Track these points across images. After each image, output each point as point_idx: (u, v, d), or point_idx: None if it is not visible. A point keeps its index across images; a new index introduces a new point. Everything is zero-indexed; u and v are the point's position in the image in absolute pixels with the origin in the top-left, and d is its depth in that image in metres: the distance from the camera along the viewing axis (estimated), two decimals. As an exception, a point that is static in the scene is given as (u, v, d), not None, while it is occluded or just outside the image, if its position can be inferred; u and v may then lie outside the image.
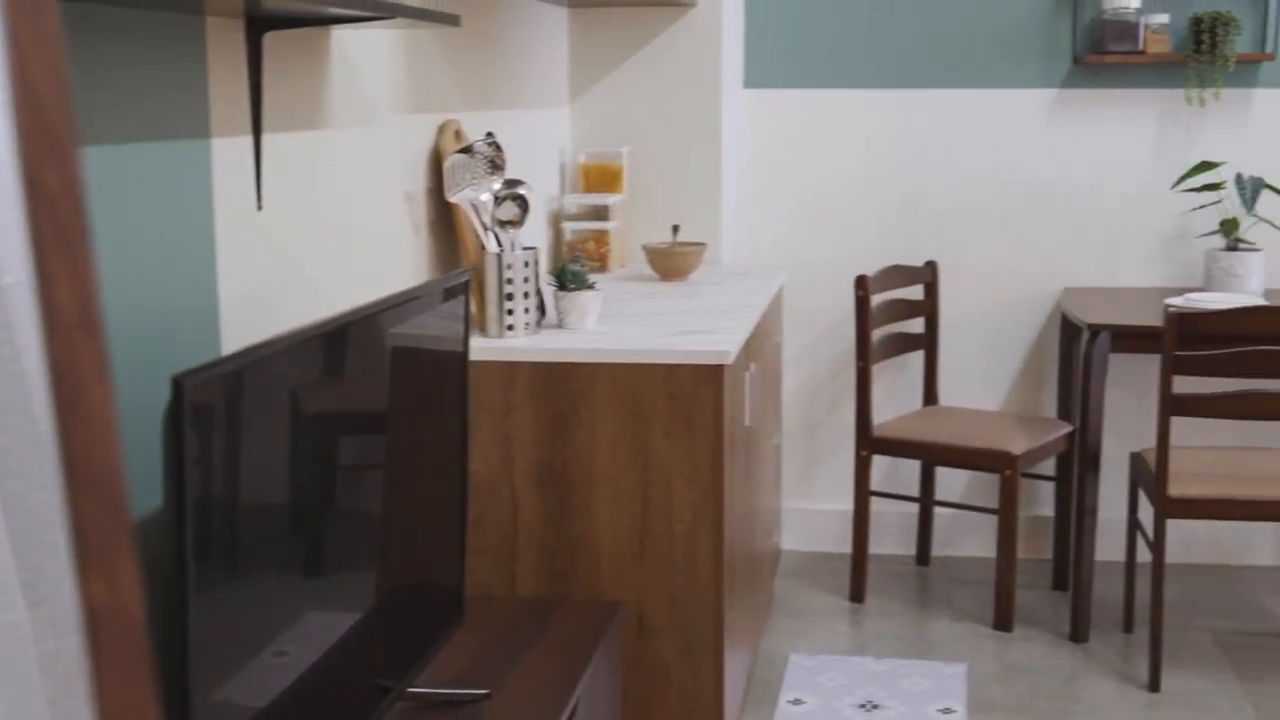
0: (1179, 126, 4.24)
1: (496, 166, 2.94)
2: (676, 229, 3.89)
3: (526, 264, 2.89)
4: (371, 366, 1.95)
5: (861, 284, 3.95)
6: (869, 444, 4.00)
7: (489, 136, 2.95)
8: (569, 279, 2.98)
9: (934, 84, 4.32)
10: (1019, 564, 4.32)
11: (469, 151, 2.90)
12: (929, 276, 4.27)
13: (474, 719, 2.15)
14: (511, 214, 2.92)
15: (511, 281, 2.88)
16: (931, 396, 4.33)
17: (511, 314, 2.88)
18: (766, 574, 3.84)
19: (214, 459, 1.47)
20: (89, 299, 0.75)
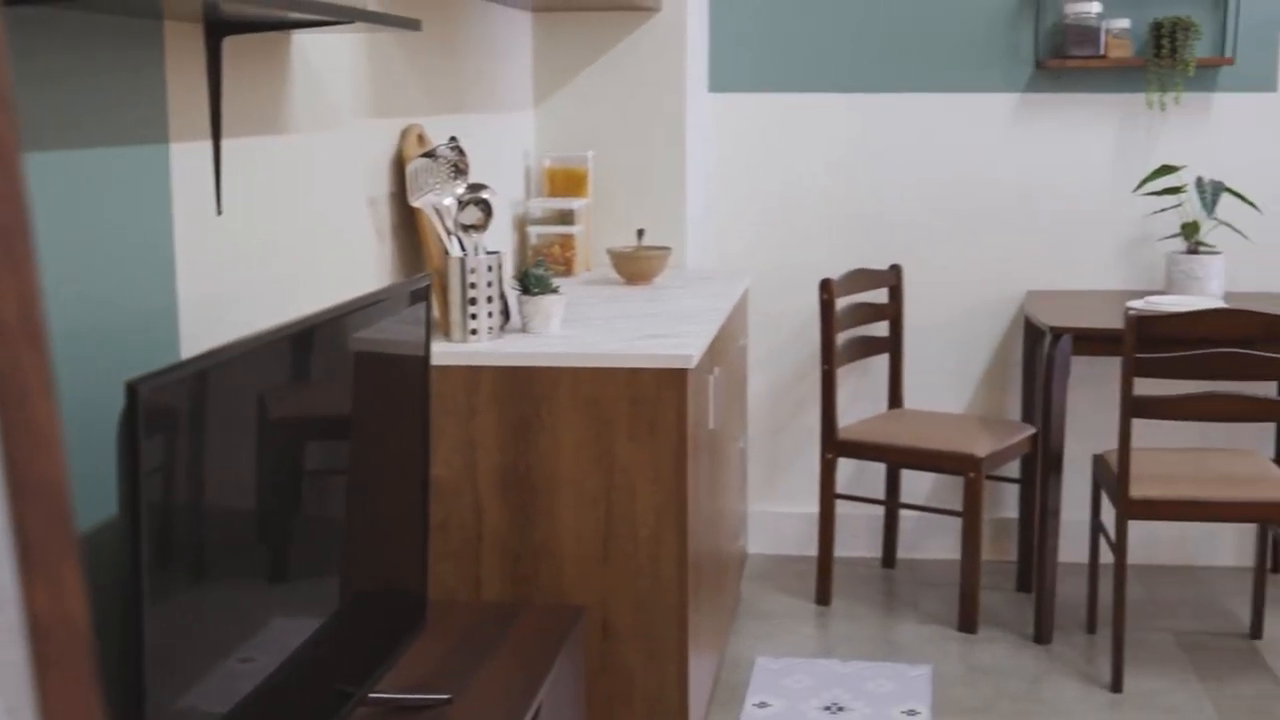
0: (1140, 130, 4.27)
1: (460, 171, 2.94)
2: (641, 233, 3.90)
3: (490, 268, 2.89)
4: (331, 371, 1.94)
5: (826, 288, 3.96)
6: (834, 447, 4.01)
7: (452, 141, 2.94)
8: (532, 283, 2.98)
9: (898, 89, 4.34)
10: (984, 566, 4.35)
11: (432, 156, 2.89)
12: (893, 280, 4.29)
13: (436, 724, 2.15)
14: (475, 218, 2.92)
15: (475, 286, 2.87)
16: (896, 399, 4.35)
17: (475, 318, 2.88)
18: (732, 577, 3.85)
19: (169, 464, 1.47)
20: (31, 305, 0.75)
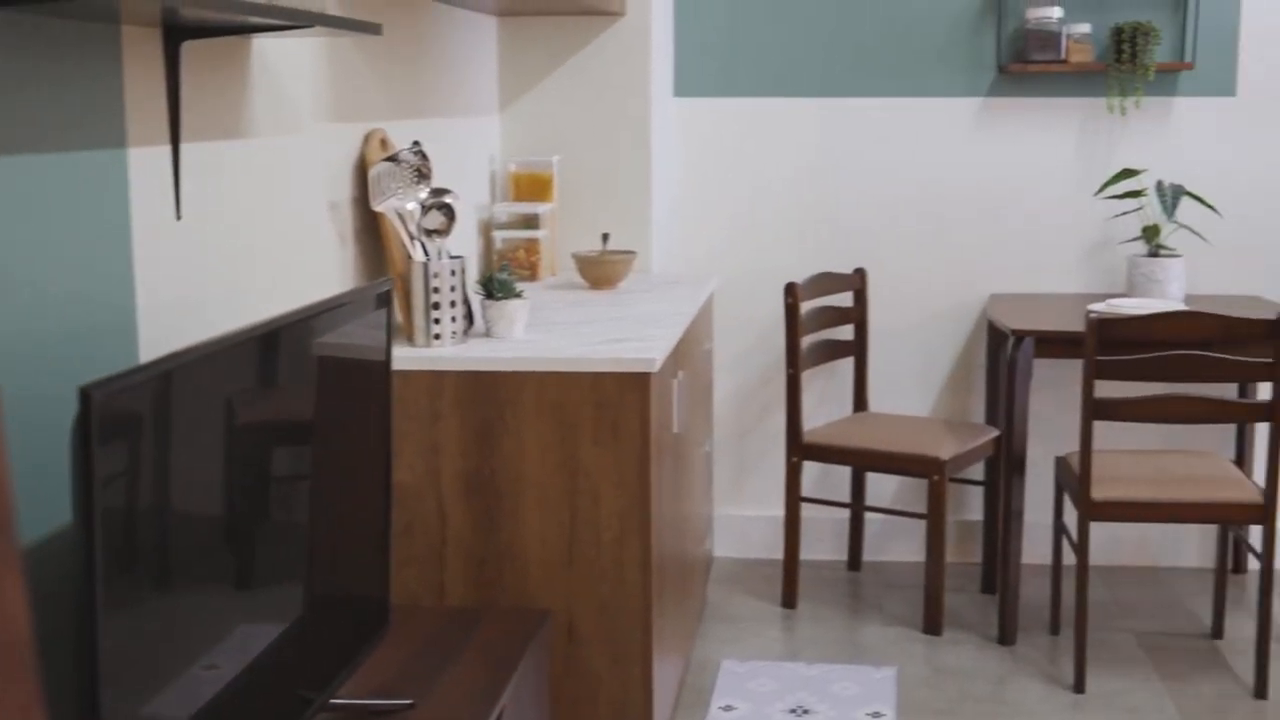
0: (1101, 134, 4.30)
1: (423, 175, 2.93)
2: (606, 237, 3.90)
3: (453, 273, 2.89)
4: (292, 376, 1.94)
5: (791, 291, 3.97)
6: (799, 450, 4.03)
7: (415, 145, 2.94)
8: (496, 288, 2.98)
9: (862, 93, 4.36)
10: (950, 568, 4.37)
11: (395, 160, 2.89)
12: (858, 284, 4.31)
13: (398, 729, 2.14)
14: (438, 223, 2.92)
15: (438, 290, 2.87)
16: (861, 403, 4.36)
17: (438, 323, 2.88)
18: (698, 581, 3.85)
19: (125, 471, 1.46)
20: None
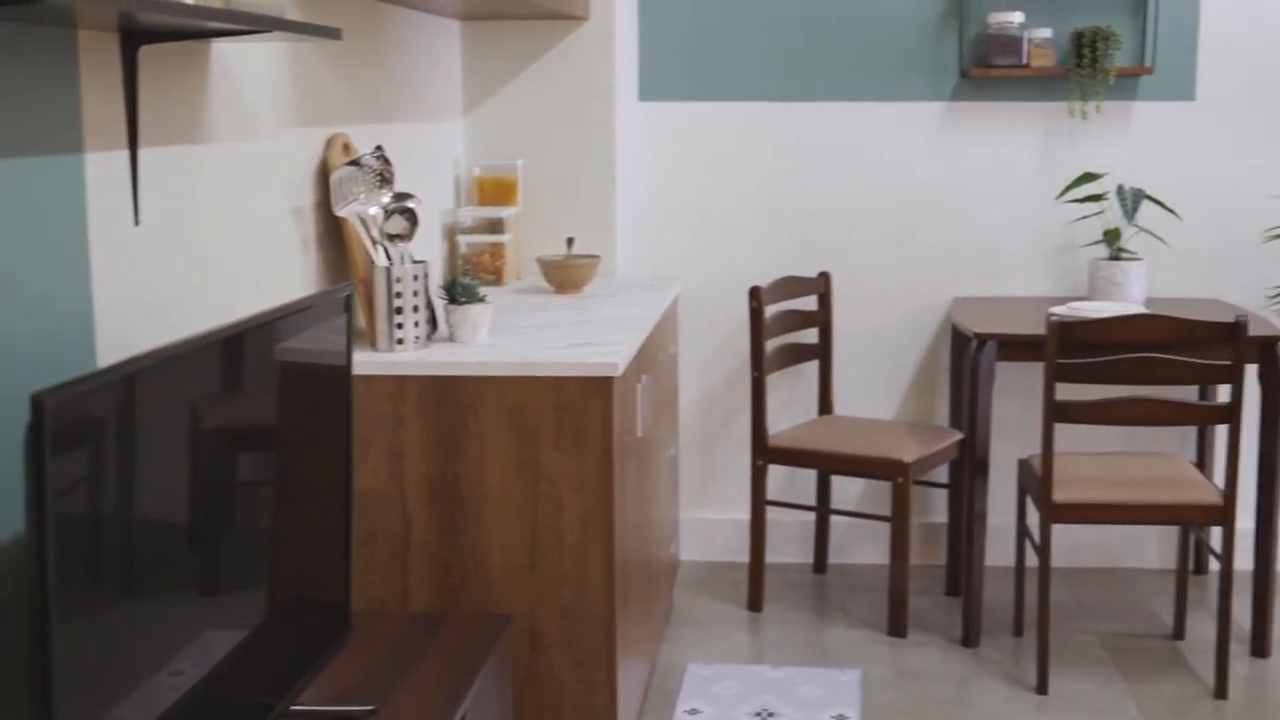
0: (1062, 138, 4.33)
1: (385, 180, 2.93)
2: (571, 241, 3.90)
3: (416, 278, 2.89)
4: (250, 381, 1.93)
5: (755, 295, 3.98)
6: (765, 454, 4.04)
7: (378, 150, 2.94)
8: (459, 292, 2.98)
9: (826, 97, 4.38)
10: (915, 570, 4.39)
11: (357, 165, 2.88)
12: (822, 287, 4.32)
13: (360, 736, 2.14)
14: (400, 228, 2.91)
15: (401, 295, 2.87)
16: (826, 406, 4.38)
17: (401, 328, 2.87)
18: (664, 584, 3.86)
19: (80, 478, 1.45)
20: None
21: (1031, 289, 4.41)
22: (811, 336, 4.37)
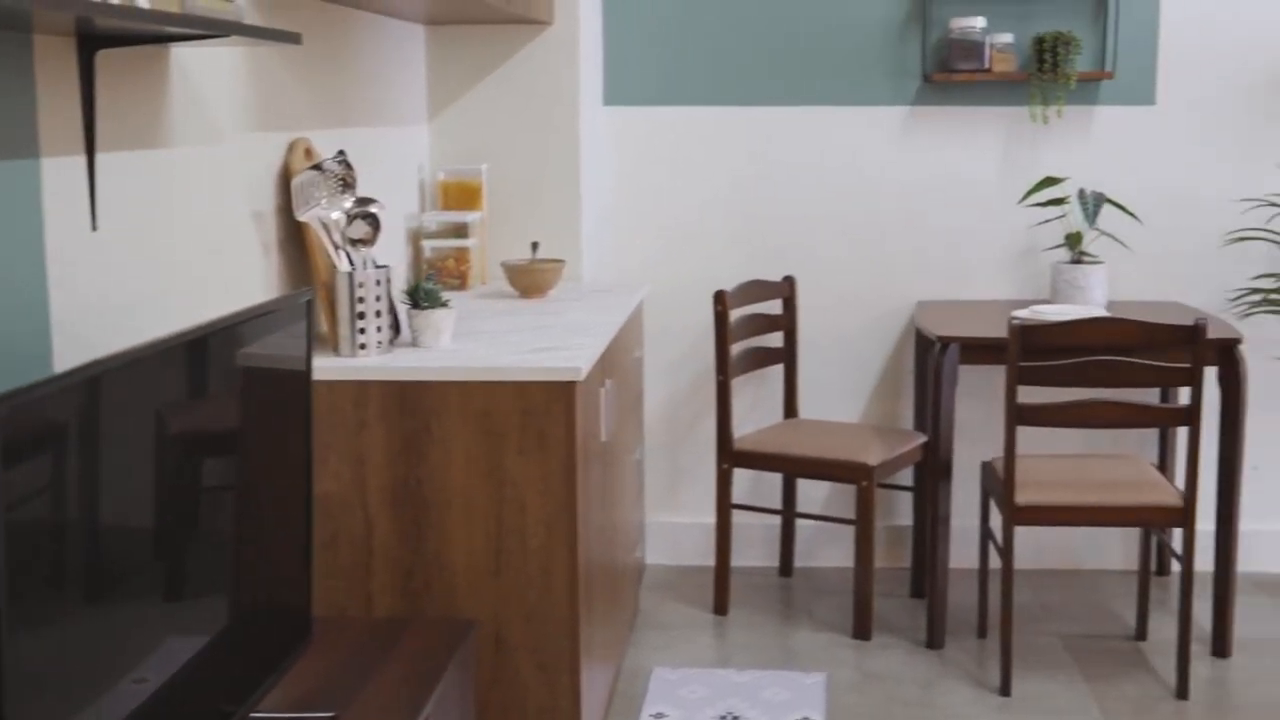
0: (1024, 142, 4.36)
1: (348, 185, 2.92)
2: (536, 246, 3.90)
3: (379, 282, 2.88)
4: (210, 386, 1.93)
5: (720, 299, 3.99)
6: (730, 457, 4.04)
7: (340, 154, 2.93)
8: (422, 297, 2.98)
9: (790, 101, 4.39)
10: (879, 573, 4.41)
11: (319, 169, 2.88)
12: (787, 291, 4.34)
13: (321, 742, 2.13)
14: (363, 232, 2.91)
15: (363, 300, 2.86)
16: (791, 409, 4.39)
17: (364, 333, 2.87)
18: (630, 588, 3.86)
19: (35, 485, 1.45)
20: None
21: (994, 292, 4.43)
22: (776, 340, 4.38)
